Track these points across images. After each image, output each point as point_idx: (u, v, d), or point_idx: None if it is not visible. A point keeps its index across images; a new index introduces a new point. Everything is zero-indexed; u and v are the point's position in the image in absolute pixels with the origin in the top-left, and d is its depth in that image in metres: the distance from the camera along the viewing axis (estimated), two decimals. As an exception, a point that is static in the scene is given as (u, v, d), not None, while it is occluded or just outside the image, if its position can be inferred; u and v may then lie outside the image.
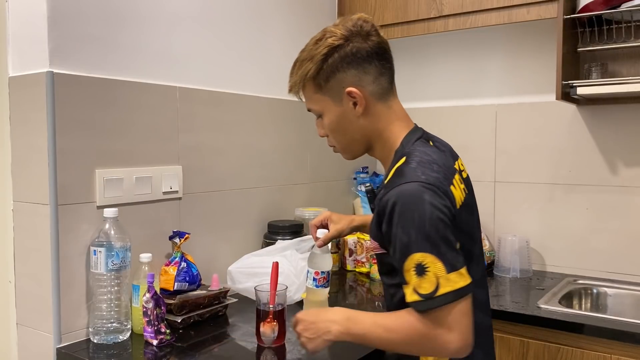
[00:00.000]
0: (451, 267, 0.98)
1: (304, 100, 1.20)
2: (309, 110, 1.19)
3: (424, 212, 0.98)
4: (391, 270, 1.12)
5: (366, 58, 1.11)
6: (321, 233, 1.41)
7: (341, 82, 1.11)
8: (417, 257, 0.98)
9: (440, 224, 0.99)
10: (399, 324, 1.03)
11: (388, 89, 1.15)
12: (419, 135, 1.16)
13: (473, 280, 1.02)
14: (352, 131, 1.15)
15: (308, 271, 1.40)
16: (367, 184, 1.27)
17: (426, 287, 0.97)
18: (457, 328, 0.98)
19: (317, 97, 1.14)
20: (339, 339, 1.10)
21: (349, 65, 1.10)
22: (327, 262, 1.40)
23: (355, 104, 1.12)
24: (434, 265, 0.97)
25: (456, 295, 0.97)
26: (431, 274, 0.97)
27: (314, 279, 1.39)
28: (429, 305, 0.98)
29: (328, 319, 1.11)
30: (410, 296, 1.00)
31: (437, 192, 1.01)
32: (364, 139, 1.16)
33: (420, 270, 0.98)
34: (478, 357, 1.11)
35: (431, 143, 1.17)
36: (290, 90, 1.18)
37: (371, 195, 1.22)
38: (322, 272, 1.39)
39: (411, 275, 0.99)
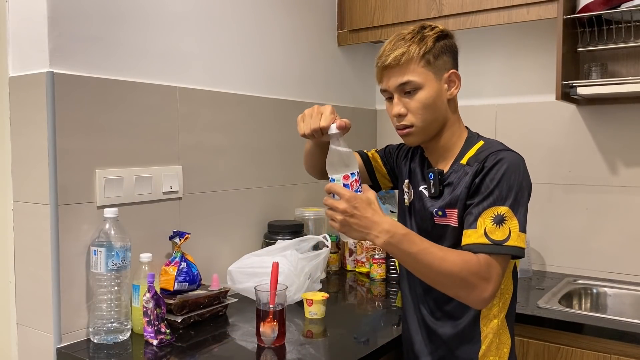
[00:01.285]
0: (523, 228, 1.13)
1: (387, 79, 1.23)
2: (403, 84, 1.21)
3: (521, 177, 1.16)
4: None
5: (457, 54, 1.29)
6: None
7: (445, 64, 1.24)
8: (502, 209, 1.12)
9: (526, 192, 1.17)
10: (455, 256, 1.10)
11: None
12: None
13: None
14: (441, 110, 1.24)
15: (334, 180, 1.11)
16: (435, 168, 1.28)
17: (499, 235, 1.11)
18: (495, 282, 1.10)
19: (423, 71, 1.21)
20: (382, 248, 1.14)
21: (451, 53, 1.26)
22: (353, 158, 1.13)
23: (449, 87, 1.25)
24: (512, 220, 1.12)
25: (517, 252, 1.11)
26: (506, 226, 1.11)
27: (346, 186, 1.11)
28: (496, 250, 1.10)
29: (384, 227, 1.08)
30: (478, 238, 1.11)
31: (526, 167, 1.20)
32: (443, 121, 1.26)
33: (499, 220, 1.12)
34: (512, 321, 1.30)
35: None
36: (392, 60, 1.20)
37: (441, 177, 1.25)
38: (353, 173, 1.11)
39: (486, 221, 1.12)
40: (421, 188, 1.31)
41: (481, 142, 1.25)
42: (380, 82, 1.27)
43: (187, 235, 1.61)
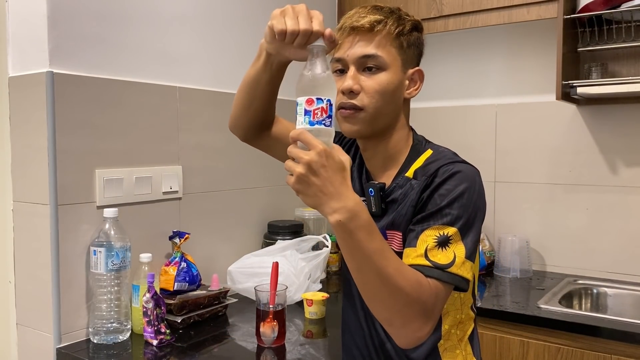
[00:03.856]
0: (469, 255, 0.93)
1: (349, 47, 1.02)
2: (367, 56, 1.00)
3: (476, 195, 0.96)
4: None
5: (422, 54, 1.10)
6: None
7: (413, 58, 1.06)
8: (449, 230, 0.92)
9: (480, 214, 0.97)
10: (411, 274, 0.87)
11: None
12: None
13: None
14: (396, 105, 1.04)
15: (297, 104, 0.85)
16: (375, 182, 1.06)
17: (441, 259, 0.90)
18: (434, 320, 0.89)
19: (393, 52, 1.02)
20: (333, 227, 0.83)
21: (419, 50, 1.08)
22: (330, 82, 0.86)
23: (409, 85, 1.06)
24: (457, 245, 0.92)
25: (459, 282, 0.91)
26: (451, 250, 0.91)
27: (307, 113, 0.84)
28: (437, 274, 0.89)
29: (347, 204, 0.81)
30: (416, 258, 0.91)
31: (482, 184, 1.00)
32: (393, 119, 1.05)
33: (444, 241, 0.92)
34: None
35: None
36: (367, 22, 1.00)
37: (383, 194, 1.04)
38: (320, 98, 0.84)
39: (429, 240, 0.92)
40: None
41: (429, 151, 1.05)
42: (337, 50, 1.03)
43: (187, 235, 1.61)
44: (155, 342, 1.38)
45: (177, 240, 1.61)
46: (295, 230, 1.95)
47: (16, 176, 1.46)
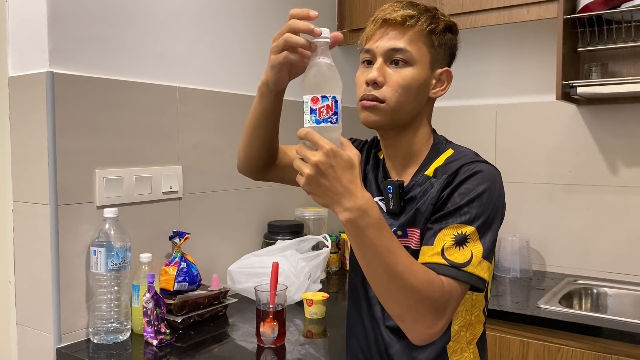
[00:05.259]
0: (486, 255, 0.94)
1: (381, 40, 1.02)
2: (396, 49, 1.01)
3: (495, 196, 0.97)
4: None
5: (454, 56, 1.11)
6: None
7: (443, 59, 1.06)
8: (467, 229, 0.93)
9: (499, 215, 0.98)
10: (422, 272, 0.88)
11: None
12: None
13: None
14: (418, 102, 1.04)
15: (304, 102, 0.85)
16: (394, 180, 1.06)
17: (457, 257, 0.91)
18: (447, 318, 0.89)
19: (423, 49, 1.02)
20: (343, 225, 0.85)
21: (451, 51, 1.08)
22: (335, 77, 0.86)
23: (436, 85, 1.06)
24: (475, 244, 0.93)
25: (475, 282, 0.92)
26: (468, 249, 0.92)
27: (313, 112, 0.84)
28: (453, 273, 0.90)
29: (357, 203, 0.82)
30: (432, 257, 0.92)
31: (502, 184, 1.01)
32: (414, 116, 1.05)
33: (461, 240, 0.93)
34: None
35: None
36: (399, 16, 1.01)
37: (402, 191, 1.04)
38: (325, 96, 0.84)
39: (446, 239, 0.93)
40: (376, 199, 1.09)
41: (450, 151, 1.05)
42: (367, 41, 1.04)
43: (187, 235, 1.61)
44: (155, 342, 1.38)
45: (177, 240, 1.61)
46: (295, 230, 1.95)
47: (16, 176, 1.46)
